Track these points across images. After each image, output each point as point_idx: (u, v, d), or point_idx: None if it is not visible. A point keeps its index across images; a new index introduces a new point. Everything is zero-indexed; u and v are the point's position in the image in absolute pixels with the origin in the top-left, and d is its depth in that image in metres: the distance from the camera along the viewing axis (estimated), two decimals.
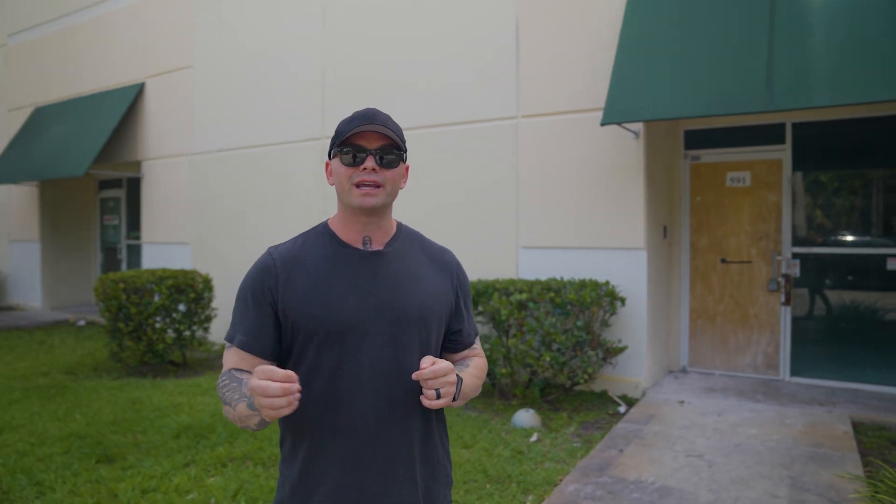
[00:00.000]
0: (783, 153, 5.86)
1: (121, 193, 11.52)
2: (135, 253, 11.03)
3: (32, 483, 3.67)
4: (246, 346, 1.43)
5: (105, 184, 11.86)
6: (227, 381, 1.40)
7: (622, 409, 5.26)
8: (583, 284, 5.30)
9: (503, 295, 5.33)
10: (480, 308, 5.47)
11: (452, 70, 6.48)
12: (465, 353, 1.64)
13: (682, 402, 5.25)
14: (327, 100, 7.38)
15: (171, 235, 9.09)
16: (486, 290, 5.45)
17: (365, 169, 1.40)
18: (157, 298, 6.39)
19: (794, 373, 5.84)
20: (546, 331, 5.04)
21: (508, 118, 6.15)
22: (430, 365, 1.34)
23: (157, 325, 6.48)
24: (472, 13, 6.37)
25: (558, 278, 5.61)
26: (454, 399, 1.41)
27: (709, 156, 6.19)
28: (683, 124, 6.24)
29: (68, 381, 6.22)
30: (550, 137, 5.92)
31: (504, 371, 5.22)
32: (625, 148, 5.52)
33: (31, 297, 11.52)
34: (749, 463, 3.92)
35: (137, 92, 9.46)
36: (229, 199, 8.35)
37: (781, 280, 5.81)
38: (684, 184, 6.27)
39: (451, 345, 1.61)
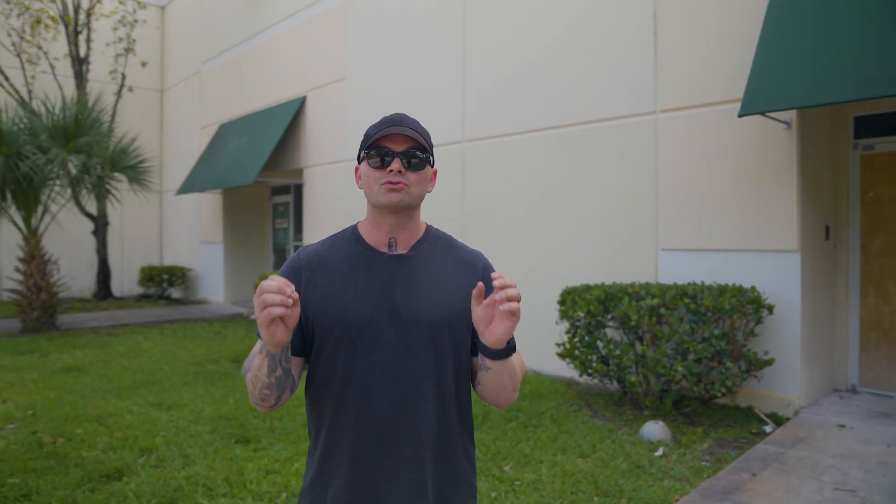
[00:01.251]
0: None
1: (289, 199, 12.58)
2: None
3: (182, 455, 4.14)
4: None
5: (276, 190, 13.03)
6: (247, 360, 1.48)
7: (769, 428, 4.75)
8: (722, 290, 4.86)
9: (634, 299, 5.05)
10: (612, 313, 5.24)
11: (587, 67, 6.29)
12: None
13: (841, 425, 4.63)
14: (467, 103, 7.49)
15: None
16: (616, 295, 5.21)
17: (391, 171, 1.42)
18: None
19: None
20: (680, 339, 4.70)
21: (646, 114, 5.83)
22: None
23: None
24: (608, 9, 6.12)
25: (698, 282, 5.21)
26: (509, 351, 1.40)
27: (886, 144, 5.40)
28: (851, 109, 5.50)
29: (232, 368, 6.93)
30: (691, 132, 5.52)
31: (634, 379, 4.95)
32: (774, 140, 4.99)
33: (216, 292, 12.98)
34: None
35: (299, 105, 10.29)
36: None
37: None
38: (853, 177, 5.53)
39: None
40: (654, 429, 4.58)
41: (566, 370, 6.33)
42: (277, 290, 1.19)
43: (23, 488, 3.63)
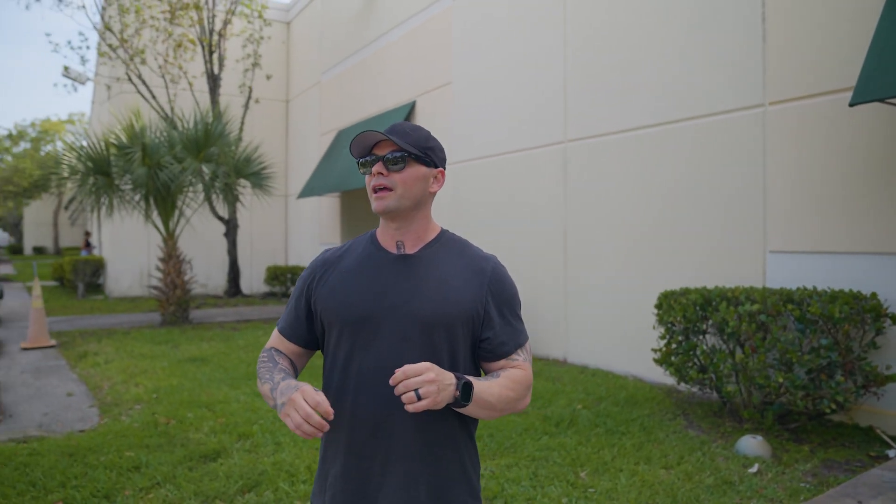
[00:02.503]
0: None
1: None
2: None
3: (274, 442, 4.42)
4: (284, 332, 1.65)
5: None
6: (265, 359, 1.59)
7: (893, 452, 4.28)
8: (834, 296, 4.44)
9: (732, 305, 4.74)
10: (710, 319, 4.94)
11: (690, 61, 5.98)
12: (502, 363, 1.57)
13: None
14: (569, 103, 7.38)
15: None
16: (715, 299, 4.91)
17: (375, 174, 1.51)
18: None
19: None
20: (782, 348, 4.35)
21: (754, 107, 5.45)
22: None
23: None
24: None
25: (808, 287, 4.80)
26: (462, 403, 1.38)
27: None
28: None
29: None
30: (803, 124, 5.10)
31: (731, 389, 4.64)
32: None
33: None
34: None
35: (409, 110, 10.59)
36: (480, 205, 8.86)
37: None
38: None
39: (482, 353, 1.58)
40: (750, 443, 4.27)
41: (667, 377, 6.06)
42: (304, 415, 1.31)
43: (135, 461, 4.04)
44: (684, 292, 5.23)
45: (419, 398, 1.30)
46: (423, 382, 1.31)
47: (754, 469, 3.96)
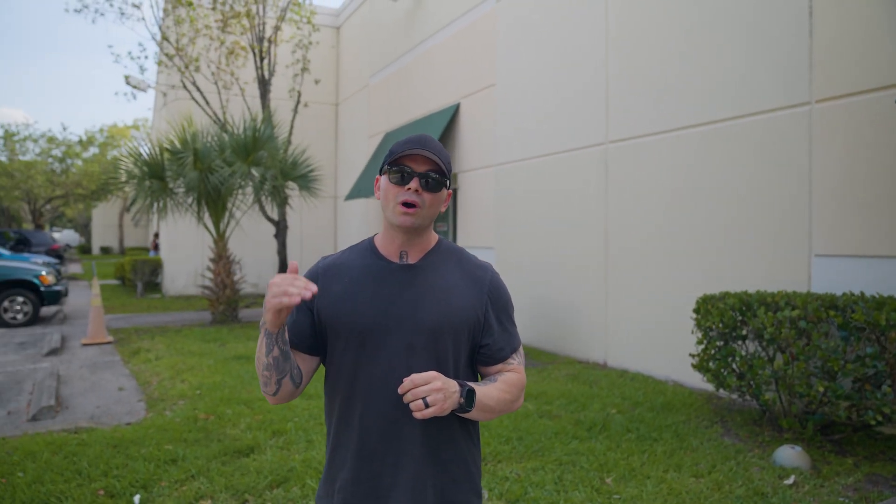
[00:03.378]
0: None
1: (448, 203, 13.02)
2: None
3: (306, 440, 4.52)
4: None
5: None
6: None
7: None
8: (881, 302, 4.24)
9: (771, 310, 4.59)
10: (749, 324, 4.80)
11: (733, 59, 5.82)
12: (499, 367, 1.64)
13: None
14: (611, 105, 7.28)
15: (481, 240, 9.96)
16: (754, 304, 4.76)
17: (409, 189, 1.51)
18: None
19: None
20: (824, 356, 4.18)
21: (799, 105, 5.26)
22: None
23: None
24: None
25: (856, 293, 4.60)
26: (463, 410, 1.47)
27: None
28: None
29: None
30: (851, 122, 4.89)
31: (769, 397, 4.50)
32: None
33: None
34: None
35: (454, 112, 10.63)
36: (523, 207, 8.83)
37: None
38: None
39: (481, 358, 1.64)
40: (788, 454, 4.13)
41: (707, 383, 5.90)
42: (304, 285, 1.35)
43: (172, 454, 4.21)
44: (723, 296, 5.09)
45: (427, 405, 1.38)
46: (431, 391, 1.38)
47: (790, 480, 3.83)
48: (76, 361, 7.87)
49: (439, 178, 1.53)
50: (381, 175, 1.59)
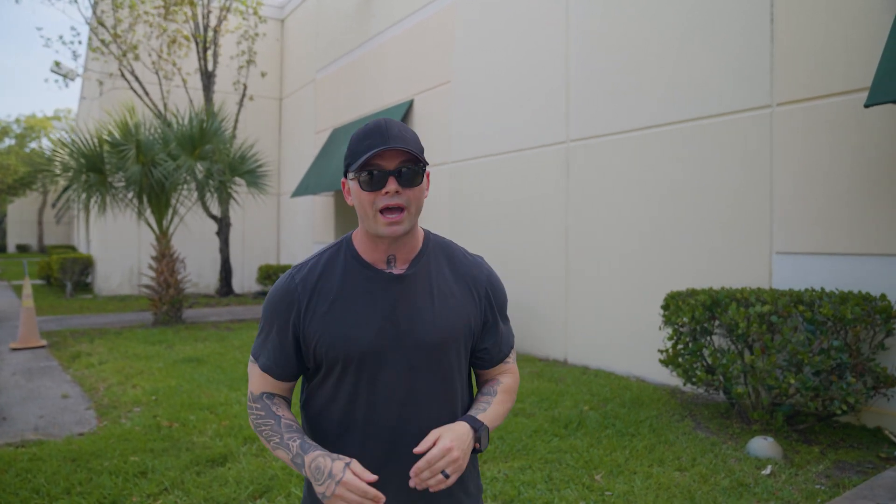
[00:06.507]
0: None
1: None
2: None
3: None
4: (270, 371, 1.45)
5: None
6: (263, 415, 1.43)
7: None
8: (844, 297, 4.44)
9: (742, 306, 4.73)
10: (718, 320, 4.93)
11: (696, 61, 5.97)
12: (498, 367, 1.57)
13: None
14: (571, 102, 7.34)
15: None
16: (723, 300, 4.89)
17: (387, 193, 1.32)
18: None
19: None
20: (793, 349, 4.34)
21: (761, 107, 5.44)
22: (425, 450, 1.30)
23: None
24: None
25: (816, 289, 4.80)
26: (481, 450, 1.42)
27: None
28: None
29: None
30: (811, 125, 5.09)
31: (741, 390, 4.63)
32: None
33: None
34: None
35: (406, 109, 10.51)
36: (480, 205, 8.81)
37: None
38: None
39: (480, 361, 1.55)
40: (762, 445, 4.26)
41: (670, 378, 6.04)
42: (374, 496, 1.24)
43: (141, 466, 3.95)
44: (692, 293, 5.21)
45: (446, 476, 1.29)
46: (450, 463, 1.29)
47: (767, 471, 3.95)
48: (7, 368, 7.33)
49: (415, 167, 1.33)
50: (346, 178, 1.39)
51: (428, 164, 1.40)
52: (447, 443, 1.29)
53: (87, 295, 15.03)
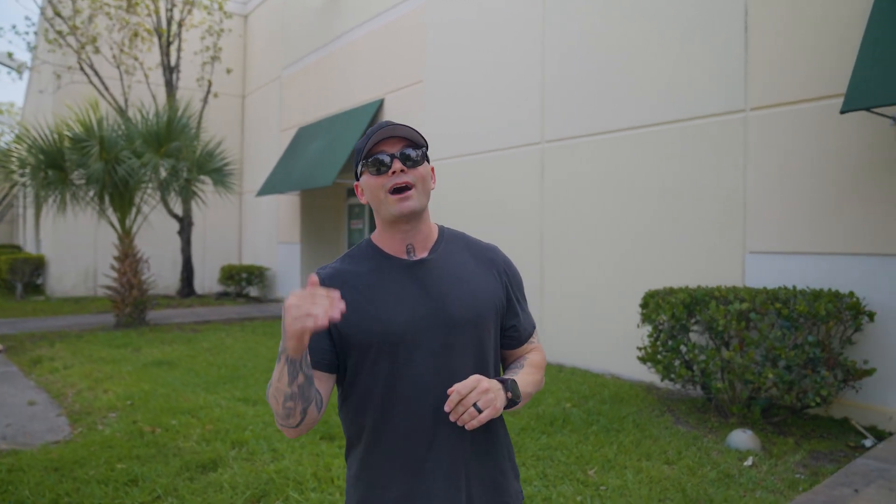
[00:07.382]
0: None
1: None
2: None
3: (270, 449, 4.29)
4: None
5: (352, 192, 13.30)
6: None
7: (868, 442, 4.51)
8: (817, 295, 4.64)
9: (721, 304, 4.89)
10: (697, 317, 5.08)
11: (672, 65, 6.13)
12: (524, 347, 1.62)
13: None
14: (547, 104, 7.44)
15: None
16: (702, 298, 5.05)
17: (394, 172, 1.41)
18: None
19: None
20: (770, 345, 4.51)
21: (735, 112, 5.63)
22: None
23: None
24: (694, 2, 5.95)
25: (788, 287, 5.00)
26: (513, 403, 1.43)
27: None
28: None
29: None
30: (783, 130, 5.30)
31: (719, 385, 4.79)
32: (877, 138, 4.72)
33: (293, 290, 13.37)
34: None
35: (377, 108, 10.46)
36: (451, 206, 8.83)
37: None
38: None
39: (508, 341, 1.60)
40: (742, 437, 4.42)
41: (646, 374, 6.19)
42: (329, 302, 1.20)
43: (129, 474, 3.85)
44: (670, 292, 5.36)
45: (479, 410, 1.32)
46: (480, 394, 1.33)
47: (749, 462, 4.10)
48: None
49: (418, 150, 1.45)
50: (359, 180, 1.49)
51: (428, 146, 1.49)
52: (476, 378, 1.34)
53: (39, 297, 14.48)
